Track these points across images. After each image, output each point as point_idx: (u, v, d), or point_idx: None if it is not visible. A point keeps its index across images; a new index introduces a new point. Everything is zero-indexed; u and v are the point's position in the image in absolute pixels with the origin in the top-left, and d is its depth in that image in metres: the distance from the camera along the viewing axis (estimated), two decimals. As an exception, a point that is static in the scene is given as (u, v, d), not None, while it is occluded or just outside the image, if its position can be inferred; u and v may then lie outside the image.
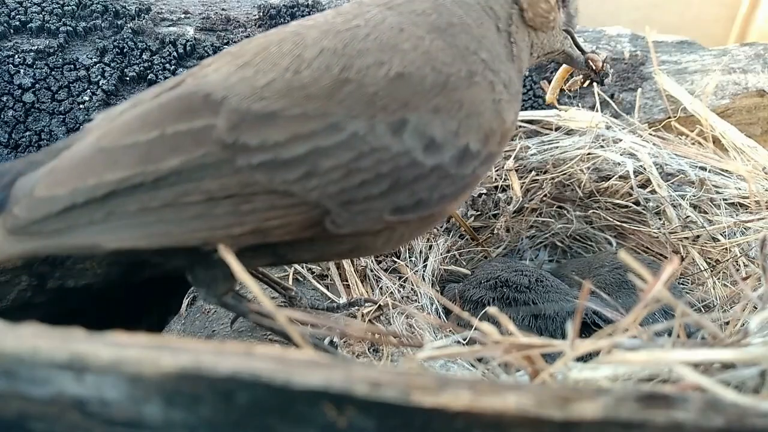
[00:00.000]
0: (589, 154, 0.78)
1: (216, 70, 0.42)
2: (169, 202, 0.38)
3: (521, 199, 0.80)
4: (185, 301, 0.61)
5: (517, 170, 0.81)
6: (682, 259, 0.69)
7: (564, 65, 0.64)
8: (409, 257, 0.70)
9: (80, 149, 0.41)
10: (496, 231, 0.81)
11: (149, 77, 0.75)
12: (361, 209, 0.40)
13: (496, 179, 0.80)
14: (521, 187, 0.80)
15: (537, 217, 0.84)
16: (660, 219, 0.76)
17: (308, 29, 0.43)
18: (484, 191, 0.80)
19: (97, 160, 0.39)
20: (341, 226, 0.40)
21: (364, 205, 0.40)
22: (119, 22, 0.78)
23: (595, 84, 0.83)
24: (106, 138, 0.40)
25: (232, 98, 0.39)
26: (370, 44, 0.41)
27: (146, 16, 0.80)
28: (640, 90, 0.85)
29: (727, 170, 0.75)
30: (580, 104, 0.86)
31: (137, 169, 0.38)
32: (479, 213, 0.81)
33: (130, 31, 0.77)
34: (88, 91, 0.73)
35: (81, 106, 0.72)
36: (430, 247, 0.74)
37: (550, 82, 0.83)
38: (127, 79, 0.75)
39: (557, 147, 0.80)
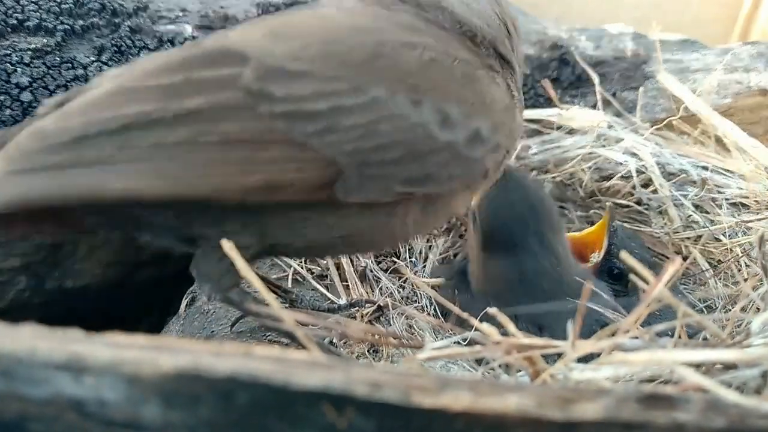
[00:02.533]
0: (590, 153, 0.78)
1: (244, 34, 0.42)
2: (185, 140, 0.37)
3: (522, 198, 0.80)
4: (184, 302, 0.61)
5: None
6: (684, 259, 0.69)
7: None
8: (409, 257, 0.70)
9: (97, 91, 0.40)
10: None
11: (149, 76, 0.75)
12: (372, 173, 0.40)
13: (496, 179, 0.80)
14: (522, 186, 0.80)
15: (537, 216, 0.84)
16: (662, 219, 0.76)
17: (332, 12, 0.45)
18: (485, 191, 0.80)
19: (117, 97, 0.39)
20: (351, 192, 0.40)
21: (376, 170, 0.40)
22: (117, 21, 0.78)
23: (596, 83, 0.84)
24: (128, 79, 0.40)
25: (265, 57, 0.39)
26: (396, 27, 0.43)
27: (144, 14, 0.79)
28: (642, 89, 0.85)
29: (729, 170, 0.74)
30: (581, 103, 0.85)
31: (158, 105, 0.37)
32: (480, 212, 0.81)
33: (127, 29, 0.77)
34: (88, 90, 0.73)
35: (80, 105, 0.72)
36: (430, 247, 0.74)
37: (551, 81, 0.83)
38: (127, 78, 0.75)
39: (558, 146, 0.80)
